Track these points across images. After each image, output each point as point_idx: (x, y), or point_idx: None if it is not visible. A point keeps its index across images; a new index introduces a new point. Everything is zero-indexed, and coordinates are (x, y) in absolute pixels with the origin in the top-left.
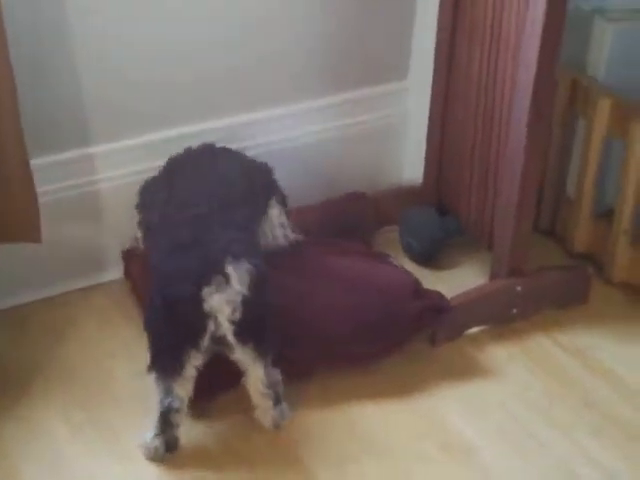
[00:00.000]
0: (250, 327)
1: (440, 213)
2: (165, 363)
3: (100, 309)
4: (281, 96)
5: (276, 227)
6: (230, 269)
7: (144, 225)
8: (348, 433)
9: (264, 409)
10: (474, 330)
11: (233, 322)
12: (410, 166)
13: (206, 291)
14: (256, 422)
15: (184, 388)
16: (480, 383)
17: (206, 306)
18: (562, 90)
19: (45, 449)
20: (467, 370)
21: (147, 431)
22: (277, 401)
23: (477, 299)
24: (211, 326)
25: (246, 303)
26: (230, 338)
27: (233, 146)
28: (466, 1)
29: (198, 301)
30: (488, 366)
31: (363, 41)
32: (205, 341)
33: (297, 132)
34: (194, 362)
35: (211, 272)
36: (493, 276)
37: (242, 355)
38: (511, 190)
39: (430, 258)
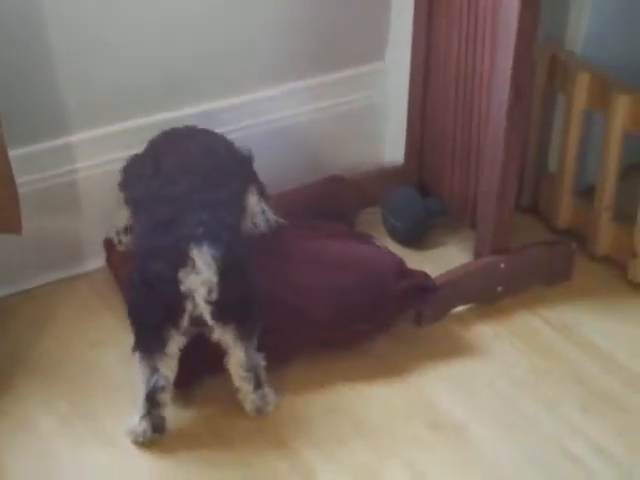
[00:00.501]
0: (229, 308)
1: (422, 194)
2: (148, 341)
3: (83, 299)
4: (258, 80)
5: (256, 214)
6: (195, 253)
7: (130, 202)
8: (335, 415)
9: (244, 393)
10: (460, 309)
11: (210, 303)
12: (392, 147)
13: (182, 272)
14: (242, 406)
15: (168, 366)
16: (467, 362)
17: (183, 287)
18: (541, 66)
19: (31, 442)
20: (454, 349)
21: (134, 415)
22: (258, 385)
23: (461, 278)
24: (189, 306)
25: (223, 285)
26: (208, 318)
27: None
28: None
29: (175, 281)
30: (474, 345)
31: (339, 22)
32: (184, 321)
33: (275, 115)
34: (176, 341)
35: (183, 256)
36: (477, 255)
37: (222, 336)
38: (493, 170)
39: (414, 239)
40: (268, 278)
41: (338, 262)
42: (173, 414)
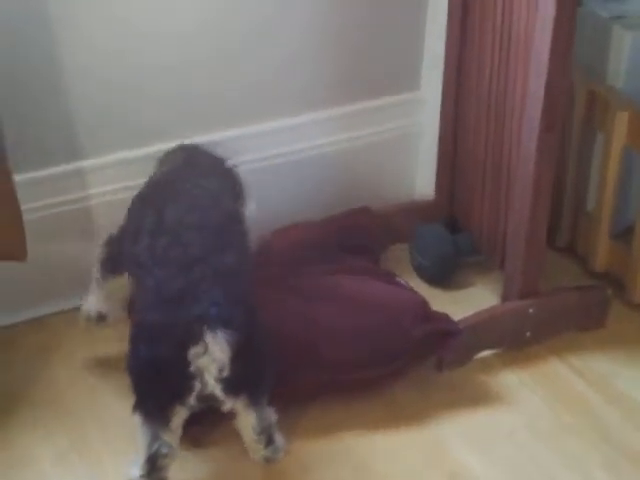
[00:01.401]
0: (241, 381)
1: (453, 230)
2: (150, 412)
3: (90, 330)
4: (287, 107)
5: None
6: (209, 338)
7: (132, 262)
8: (348, 463)
9: (255, 450)
10: (485, 354)
11: (221, 380)
12: (423, 180)
13: (192, 352)
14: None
15: (172, 436)
16: (489, 411)
17: (192, 367)
18: (579, 100)
19: (29, 475)
20: (475, 397)
21: (133, 466)
22: (269, 443)
23: (487, 321)
24: (197, 386)
25: (235, 362)
26: (219, 395)
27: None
28: (475, 9)
29: (184, 362)
30: (498, 393)
31: (373, 50)
32: (192, 399)
33: (304, 144)
34: (181, 415)
35: (196, 335)
36: (505, 297)
37: (234, 406)
38: (522, 206)
39: (441, 278)
40: (286, 316)
41: (357, 301)
42: (178, 458)
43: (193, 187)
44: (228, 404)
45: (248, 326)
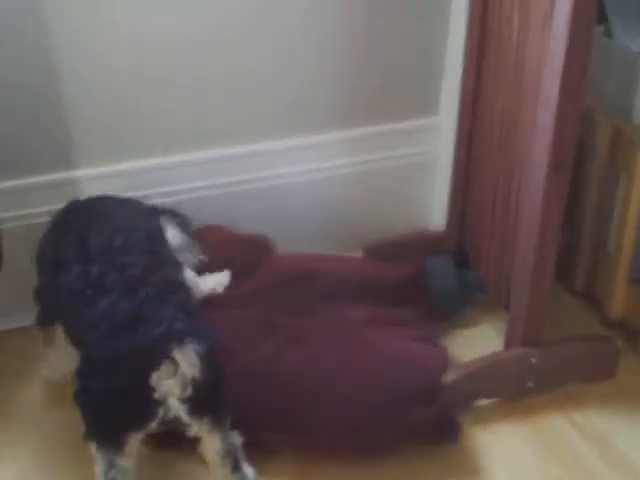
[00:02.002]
0: (204, 401)
1: (463, 263)
2: (104, 441)
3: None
4: (298, 127)
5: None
6: (177, 355)
7: (60, 296)
8: None
9: (221, 476)
10: (483, 402)
11: (184, 401)
12: (439, 210)
13: (154, 378)
14: None
15: (129, 460)
16: (482, 471)
17: (156, 394)
18: (602, 139)
19: None
20: (470, 455)
21: None
22: (235, 468)
23: (488, 369)
24: (161, 412)
25: (197, 379)
26: (184, 417)
27: (234, 178)
28: (492, 38)
29: (147, 390)
30: (490, 446)
31: (392, 72)
32: (152, 425)
33: (313, 166)
34: (137, 439)
35: (159, 358)
36: (507, 344)
37: (198, 429)
38: (527, 250)
39: (445, 314)
40: (286, 360)
41: (367, 369)
42: None
43: (112, 211)
44: (194, 427)
45: (212, 340)
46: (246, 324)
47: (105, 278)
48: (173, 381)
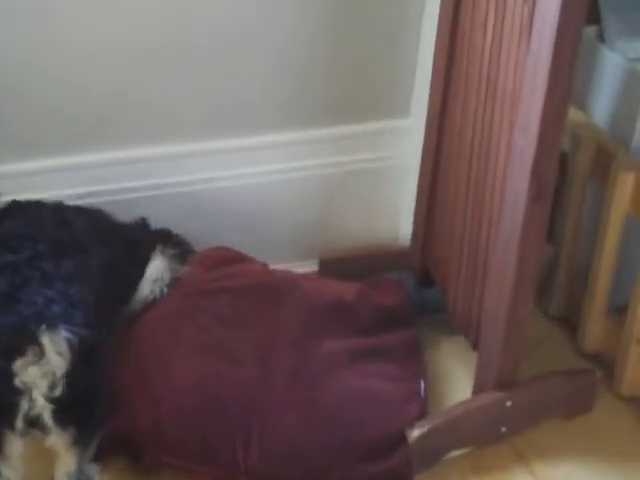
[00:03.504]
0: (73, 407)
1: (426, 285)
2: None
3: None
4: (260, 123)
5: (150, 281)
6: (46, 339)
7: None
8: None
9: None
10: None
11: (52, 400)
12: (407, 220)
13: (19, 363)
14: None
15: (12, 468)
16: None
17: (17, 381)
18: (585, 155)
19: None
20: None
21: None
22: None
23: (455, 421)
24: (24, 405)
25: (69, 377)
26: (47, 419)
27: (190, 177)
28: (463, 42)
29: (8, 374)
30: None
31: (360, 67)
32: (19, 421)
33: (278, 166)
34: (16, 443)
35: (25, 340)
36: (478, 387)
37: (56, 439)
38: (502, 284)
39: None
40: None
41: (319, 401)
42: None
43: (35, 207)
44: (52, 437)
45: (92, 335)
46: (204, 330)
47: None
48: (39, 370)
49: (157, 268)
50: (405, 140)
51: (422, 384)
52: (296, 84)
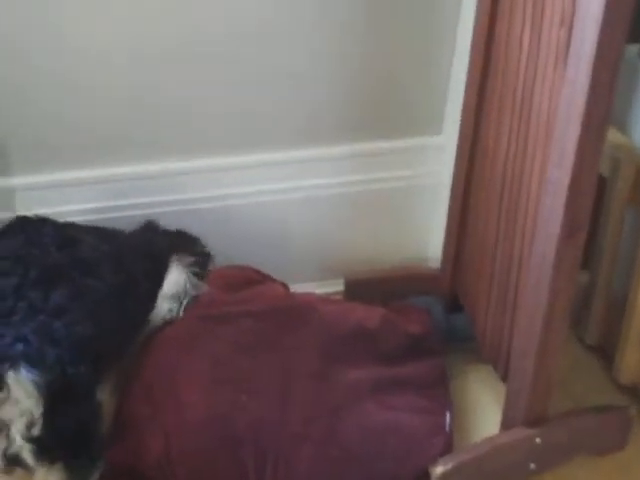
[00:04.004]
0: (57, 446)
1: (455, 310)
2: None
3: None
4: (288, 138)
5: (168, 298)
6: (10, 379)
7: None
8: None
9: None
10: None
11: (30, 440)
12: (438, 243)
13: None
14: None
15: None
16: None
17: None
18: (624, 179)
19: None
20: None
21: None
22: None
23: (481, 459)
24: (2, 443)
25: (49, 417)
26: (28, 458)
27: (213, 193)
28: (498, 61)
29: None
30: None
31: (392, 82)
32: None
33: (302, 183)
34: None
35: None
36: (506, 423)
37: (45, 477)
38: (532, 319)
39: None
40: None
41: (337, 434)
42: None
43: (38, 226)
44: (39, 473)
45: (68, 374)
46: (219, 358)
47: None
48: (13, 409)
49: (175, 283)
50: (437, 158)
51: (448, 417)
52: (325, 99)
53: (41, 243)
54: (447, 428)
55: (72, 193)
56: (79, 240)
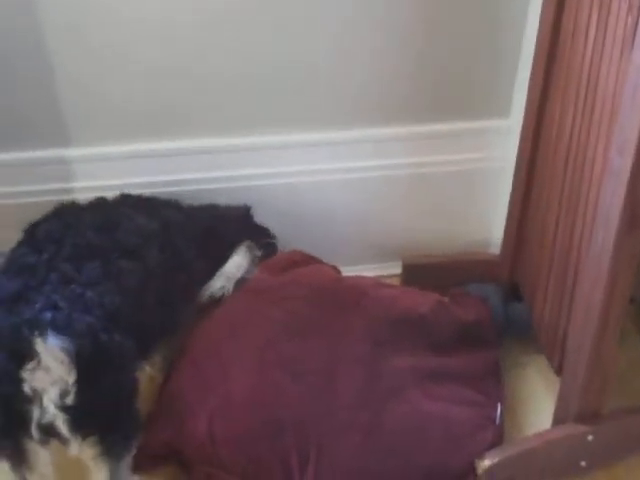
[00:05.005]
0: (92, 416)
1: (515, 298)
2: (9, 452)
3: None
4: (350, 118)
5: (225, 277)
6: (40, 346)
7: None
8: None
9: None
10: None
11: (63, 409)
12: (501, 226)
13: (28, 368)
14: None
15: (41, 477)
16: None
17: (26, 387)
18: None
19: None
20: None
21: None
22: None
23: (532, 453)
24: (36, 412)
25: (83, 385)
26: (62, 429)
27: (270, 169)
28: (564, 44)
29: (16, 378)
30: None
31: (459, 63)
32: (34, 430)
33: (363, 163)
34: (38, 452)
35: (26, 345)
36: (558, 418)
37: (79, 449)
38: (589, 310)
39: None
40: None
41: (384, 423)
42: None
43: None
44: (73, 445)
45: (101, 341)
46: (267, 340)
47: (22, 258)
48: (46, 376)
49: (238, 265)
50: (504, 141)
51: (498, 410)
52: (392, 79)
53: (78, 226)
54: (497, 421)
55: (128, 166)
56: (121, 223)
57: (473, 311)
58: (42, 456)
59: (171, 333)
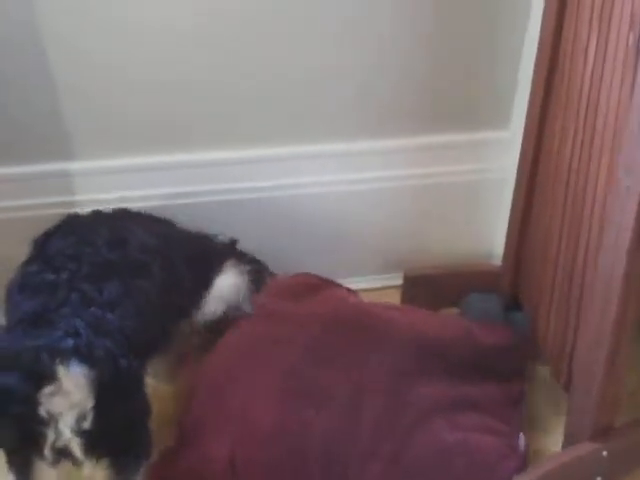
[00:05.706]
0: (105, 440)
1: (514, 308)
2: (17, 467)
3: None
4: (352, 129)
5: (216, 298)
6: (61, 372)
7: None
8: None
9: None
10: None
11: (79, 433)
12: (503, 238)
13: (46, 391)
14: None
15: None
16: None
17: (42, 409)
18: None
19: None
20: None
21: None
22: None
23: (547, 476)
24: (51, 435)
25: (99, 410)
26: (77, 452)
27: (266, 183)
28: (564, 59)
29: (32, 402)
30: None
31: (460, 74)
32: (47, 452)
33: (365, 175)
34: (47, 473)
35: (45, 369)
36: (570, 437)
37: (92, 471)
38: (600, 325)
39: None
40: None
41: (406, 452)
42: None
43: (90, 224)
44: (87, 468)
45: (120, 367)
46: (289, 367)
47: (37, 277)
48: (63, 401)
49: (227, 286)
50: (504, 153)
51: (522, 439)
52: (393, 92)
53: (93, 242)
54: (520, 450)
55: (130, 179)
56: (129, 239)
57: (499, 337)
58: (49, 473)
59: (166, 350)
